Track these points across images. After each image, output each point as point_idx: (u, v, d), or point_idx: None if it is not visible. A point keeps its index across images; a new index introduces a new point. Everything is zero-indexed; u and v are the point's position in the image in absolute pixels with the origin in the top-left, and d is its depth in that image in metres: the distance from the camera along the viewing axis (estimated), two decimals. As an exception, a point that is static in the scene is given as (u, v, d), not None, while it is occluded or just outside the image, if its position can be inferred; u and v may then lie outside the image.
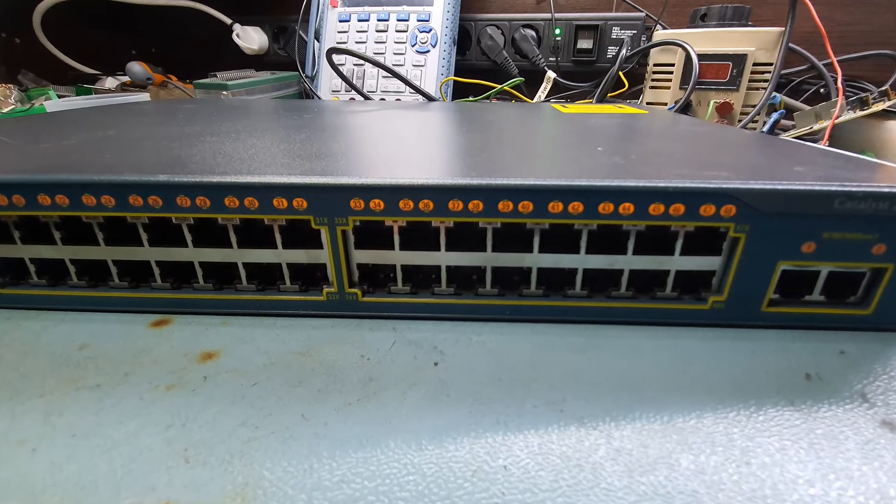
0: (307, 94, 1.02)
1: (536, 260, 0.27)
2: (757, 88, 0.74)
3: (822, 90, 0.89)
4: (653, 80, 0.82)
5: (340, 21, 0.98)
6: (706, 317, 0.27)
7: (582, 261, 0.26)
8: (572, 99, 0.98)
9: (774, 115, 0.70)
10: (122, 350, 0.26)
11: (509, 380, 0.24)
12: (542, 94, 0.96)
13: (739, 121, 0.74)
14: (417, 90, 0.78)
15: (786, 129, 0.72)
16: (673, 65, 0.78)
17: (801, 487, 0.18)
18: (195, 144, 0.33)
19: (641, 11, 0.97)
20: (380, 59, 0.90)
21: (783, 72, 0.84)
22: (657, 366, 0.25)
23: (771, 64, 0.72)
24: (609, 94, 0.90)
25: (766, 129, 0.70)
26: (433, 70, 0.93)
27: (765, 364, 0.25)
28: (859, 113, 0.64)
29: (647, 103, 0.84)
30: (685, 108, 0.75)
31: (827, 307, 0.27)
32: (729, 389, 0.23)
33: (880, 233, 0.24)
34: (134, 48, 1.25)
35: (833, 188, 0.23)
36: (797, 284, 0.26)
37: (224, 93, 0.89)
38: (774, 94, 0.73)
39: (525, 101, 0.89)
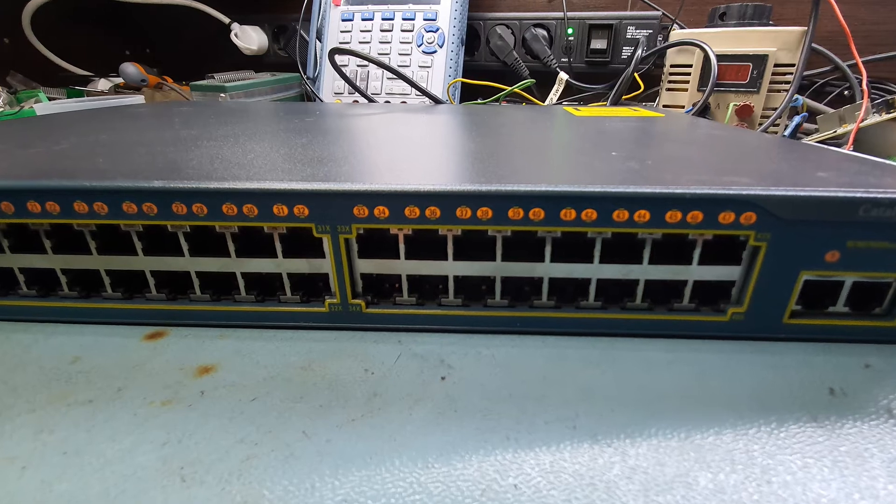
0: (308, 96, 1.03)
1: (548, 270, 0.27)
2: (778, 91, 0.74)
3: (846, 92, 0.89)
4: (669, 81, 0.82)
5: (343, 20, 0.98)
6: (725, 329, 0.27)
7: (595, 270, 0.26)
8: (585, 101, 0.98)
9: (796, 119, 0.70)
10: (115, 364, 0.26)
11: (520, 395, 0.24)
12: (553, 96, 0.96)
13: (760, 124, 0.75)
14: (424, 92, 0.78)
15: (808, 133, 0.72)
16: (690, 66, 0.78)
17: (826, 508, 0.18)
18: (192, 149, 0.33)
19: (658, 10, 0.97)
20: (384, 59, 0.90)
21: (806, 73, 0.84)
22: (674, 380, 0.25)
23: (793, 65, 0.72)
24: (624, 97, 0.91)
25: (787, 132, 0.70)
26: (440, 71, 0.94)
27: (786, 378, 0.25)
28: (885, 116, 0.64)
29: (664, 106, 0.84)
30: (703, 111, 0.75)
31: (851, 319, 0.27)
32: (749, 405, 0.23)
33: (908, 241, 0.24)
34: (128, 48, 1.26)
35: (858, 195, 0.23)
36: (820, 295, 0.26)
37: (222, 95, 0.90)
38: (796, 96, 0.73)
39: (536, 104, 0.89)
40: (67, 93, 0.96)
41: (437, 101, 0.80)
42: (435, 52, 0.94)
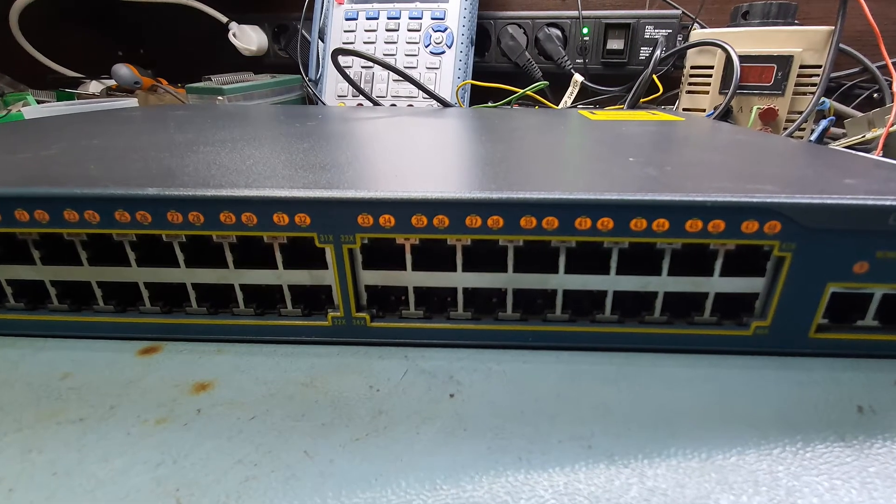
0: (310, 99, 1.03)
1: (562, 281, 0.27)
2: (804, 93, 0.74)
3: (875, 95, 0.89)
4: (690, 84, 0.83)
5: (347, 19, 0.99)
6: (748, 344, 0.27)
7: (612, 282, 0.26)
8: (601, 105, 0.98)
9: (823, 123, 0.70)
10: (107, 380, 0.26)
11: (532, 413, 0.24)
12: (568, 99, 0.96)
13: (785, 129, 0.74)
14: (432, 95, 0.79)
15: (835, 138, 0.72)
16: (712, 67, 0.78)
17: (855, 533, 0.18)
18: (188, 155, 0.33)
19: (677, 9, 0.97)
20: (390, 60, 0.90)
21: (833, 75, 0.84)
22: (695, 397, 0.25)
23: (819, 66, 0.72)
24: (642, 100, 0.91)
25: (813, 137, 0.70)
26: (449, 73, 0.94)
27: (813, 395, 0.25)
28: (917, 120, 0.64)
29: (684, 109, 0.84)
30: (725, 114, 0.75)
31: (881, 333, 0.27)
32: (773, 423, 0.23)
33: (940, 252, 0.24)
34: (120, 49, 1.26)
35: (888, 202, 0.23)
36: (848, 308, 0.26)
37: (219, 98, 0.90)
38: (823, 99, 0.73)
39: (549, 107, 0.89)
40: (57, 95, 0.96)
41: (445, 104, 0.80)
42: (443, 52, 0.94)
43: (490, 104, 0.91)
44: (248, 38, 1.09)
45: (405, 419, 0.23)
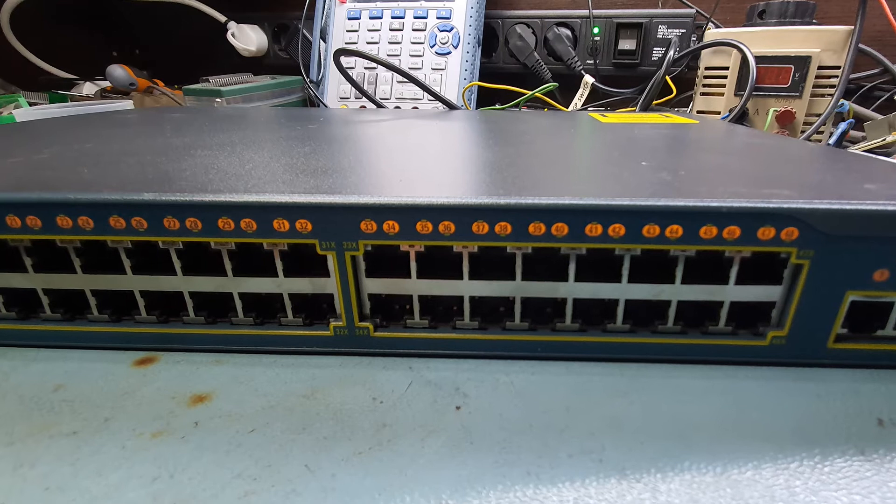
0: (312, 101, 1.03)
1: (572, 290, 0.27)
2: (822, 95, 0.74)
3: (896, 97, 0.89)
4: (704, 85, 0.82)
5: (349, 19, 0.99)
6: (765, 354, 0.27)
7: (624, 291, 0.26)
8: (613, 107, 0.98)
9: (842, 126, 0.69)
10: (101, 392, 0.26)
11: (541, 426, 0.24)
12: (578, 101, 0.96)
13: (802, 132, 0.74)
14: (437, 97, 0.78)
15: (855, 142, 0.72)
16: (727, 68, 0.78)
17: (876, 550, 0.18)
18: (185, 159, 0.33)
19: (692, 8, 0.97)
20: (394, 61, 0.90)
21: (852, 76, 0.84)
22: (709, 410, 0.24)
23: (838, 67, 0.72)
24: (654, 102, 0.90)
25: (832, 141, 0.70)
26: (455, 74, 0.94)
27: (831, 408, 0.25)
28: (940, 122, 0.64)
29: (698, 112, 0.84)
30: (741, 117, 0.75)
31: (903, 343, 0.27)
32: (790, 436, 0.23)
33: (963, 259, 0.24)
34: (115, 49, 1.26)
35: (910, 208, 0.23)
36: (868, 317, 0.26)
37: (217, 100, 0.90)
38: (842, 101, 0.73)
39: (559, 110, 0.90)
40: (50, 97, 0.96)
41: (451, 106, 0.80)
42: (449, 53, 0.94)
43: (497, 106, 0.91)
44: (248, 38, 1.10)
45: (409, 432, 0.23)
